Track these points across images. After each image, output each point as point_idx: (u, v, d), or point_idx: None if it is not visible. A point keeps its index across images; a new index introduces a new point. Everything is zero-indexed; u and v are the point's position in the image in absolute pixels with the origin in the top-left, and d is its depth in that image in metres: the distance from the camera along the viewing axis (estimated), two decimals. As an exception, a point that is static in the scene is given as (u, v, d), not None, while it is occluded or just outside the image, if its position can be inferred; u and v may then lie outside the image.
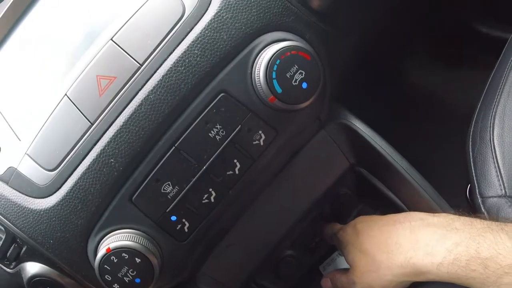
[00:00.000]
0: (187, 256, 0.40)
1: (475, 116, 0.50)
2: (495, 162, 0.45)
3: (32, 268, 0.40)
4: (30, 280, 0.40)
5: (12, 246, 0.41)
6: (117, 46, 0.35)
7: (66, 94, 0.35)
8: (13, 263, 0.42)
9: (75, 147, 0.35)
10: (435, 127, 0.62)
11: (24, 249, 0.40)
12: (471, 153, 0.47)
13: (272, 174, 0.42)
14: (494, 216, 0.43)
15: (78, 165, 0.35)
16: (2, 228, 0.40)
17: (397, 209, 0.48)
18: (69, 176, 0.35)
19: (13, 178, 0.37)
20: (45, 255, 0.38)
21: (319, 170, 0.45)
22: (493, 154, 0.46)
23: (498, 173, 0.45)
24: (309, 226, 0.53)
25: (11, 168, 0.38)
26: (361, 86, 0.63)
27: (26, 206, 0.37)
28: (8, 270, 0.43)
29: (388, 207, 0.48)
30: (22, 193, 0.37)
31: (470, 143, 0.48)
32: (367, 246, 0.41)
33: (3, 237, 0.40)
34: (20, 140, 0.38)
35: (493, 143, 0.46)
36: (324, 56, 0.36)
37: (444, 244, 0.34)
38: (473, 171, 0.47)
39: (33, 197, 0.37)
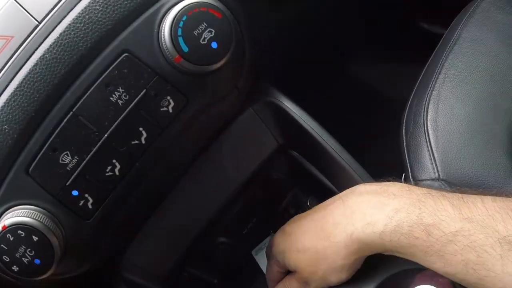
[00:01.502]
0: (94, 237, 0.36)
1: (409, 102, 0.50)
2: (429, 146, 0.45)
3: None
4: None
5: None
6: (16, 3, 0.33)
7: None
8: None
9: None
10: (375, 117, 0.62)
11: None
12: (404, 137, 0.47)
13: (194, 150, 0.40)
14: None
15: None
16: None
17: (331, 193, 0.46)
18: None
19: None
20: None
21: (247, 149, 0.43)
22: (427, 138, 0.45)
23: (432, 156, 0.44)
24: (242, 211, 0.51)
25: None
26: (306, 77, 0.62)
27: None
28: None
29: (321, 192, 0.46)
30: None
31: (404, 127, 0.48)
32: (304, 243, 0.38)
33: None
34: None
35: (427, 127, 0.46)
36: (242, 20, 0.35)
37: (384, 211, 0.32)
38: (406, 155, 0.46)
39: None
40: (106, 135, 0.32)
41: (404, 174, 0.47)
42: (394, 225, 0.31)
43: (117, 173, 0.34)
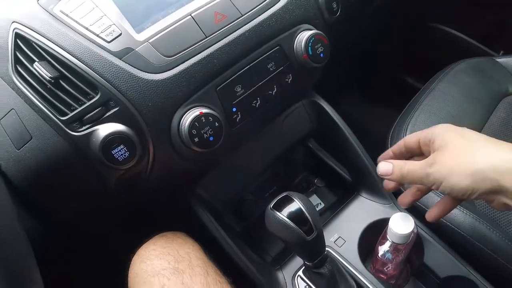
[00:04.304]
0: (229, 140, 0.57)
1: (394, 124, 0.78)
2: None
3: (109, 128, 0.52)
4: (107, 137, 0.51)
5: (98, 108, 0.53)
6: (230, 1, 0.57)
7: (191, 15, 0.55)
8: (87, 126, 0.52)
9: (191, 47, 0.54)
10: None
11: (113, 111, 0.52)
12: (389, 146, 0.68)
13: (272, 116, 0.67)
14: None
15: (191, 57, 0.53)
16: (97, 91, 0.51)
17: (337, 177, 0.76)
18: (182, 63, 0.53)
19: (129, 55, 0.52)
20: (134, 116, 0.52)
21: (293, 126, 0.72)
22: None
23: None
24: (268, 180, 0.77)
25: (128, 48, 0.53)
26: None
27: (137, 75, 0.52)
28: (73, 133, 0.52)
29: (328, 175, 0.76)
30: (134, 67, 0.52)
31: (389, 140, 0.76)
32: (470, 135, 0.44)
33: (97, 97, 0.52)
34: (137, 33, 0.54)
35: None
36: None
37: None
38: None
39: (145, 71, 0.52)
40: (261, 83, 0.58)
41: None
42: None
43: (256, 106, 0.59)
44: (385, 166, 0.50)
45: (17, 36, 0.53)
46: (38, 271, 0.44)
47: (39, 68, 0.51)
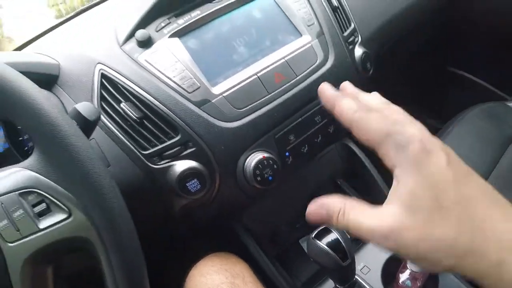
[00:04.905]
0: (279, 179, 0.68)
1: None
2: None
3: (186, 164, 0.62)
4: (184, 172, 0.61)
5: (177, 147, 0.63)
6: (287, 64, 0.69)
7: (257, 75, 0.66)
8: (166, 160, 0.62)
9: (257, 102, 0.65)
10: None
11: (190, 150, 0.62)
12: None
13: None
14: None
15: (257, 110, 0.65)
16: (178, 132, 0.62)
17: None
18: (249, 114, 0.64)
19: (207, 105, 0.63)
20: (207, 156, 0.63)
21: (326, 166, 0.83)
22: None
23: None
24: (301, 212, 0.87)
25: (206, 99, 0.64)
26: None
27: (213, 123, 0.63)
28: (153, 166, 0.63)
29: None
30: (210, 115, 0.63)
31: None
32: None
33: (177, 138, 0.62)
34: (212, 87, 0.65)
35: None
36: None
37: None
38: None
39: (219, 120, 0.63)
40: (309, 132, 0.70)
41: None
42: None
43: (305, 151, 0.70)
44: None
45: (103, 76, 0.64)
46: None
47: (126, 108, 0.62)
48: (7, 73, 0.43)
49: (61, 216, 0.43)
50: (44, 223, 0.43)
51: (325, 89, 0.40)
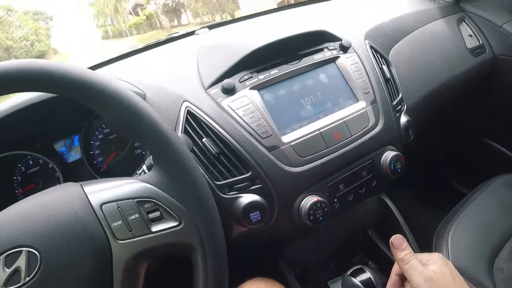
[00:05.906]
0: (327, 219, 0.80)
1: (439, 226, 0.96)
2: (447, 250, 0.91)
3: (251, 197, 0.74)
4: (249, 204, 0.72)
5: (246, 182, 0.75)
6: (345, 125, 0.82)
7: (319, 131, 0.79)
8: (234, 192, 0.74)
9: (317, 153, 0.77)
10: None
11: (257, 186, 0.74)
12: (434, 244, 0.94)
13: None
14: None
15: (316, 160, 0.77)
16: (249, 170, 0.74)
17: (388, 263, 0.96)
18: (310, 163, 0.76)
19: (276, 151, 0.76)
20: (271, 193, 0.74)
21: (360, 215, 0.94)
22: (447, 245, 0.90)
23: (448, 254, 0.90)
24: (333, 253, 0.98)
25: (275, 146, 0.76)
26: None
27: (280, 166, 0.75)
28: (223, 195, 0.75)
29: (379, 259, 0.97)
30: (278, 160, 0.75)
31: (434, 239, 0.94)
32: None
33: (247, 174, 0.74)
34: (282, 136, 0.78)
35: (447, 240, 0.91)
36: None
37: None
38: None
39: (285, 164, 0.75)
40: (355, 184, 0.81)
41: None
42: None
43: (349, 200, 0.82)
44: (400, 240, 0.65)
45: (189, 113, 0.77)
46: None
47: (207, 143, 0.75)
48: (137, 100, 0.52)
49: (172, 223, 0.53)
50: (156, 227, 0.52)
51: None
